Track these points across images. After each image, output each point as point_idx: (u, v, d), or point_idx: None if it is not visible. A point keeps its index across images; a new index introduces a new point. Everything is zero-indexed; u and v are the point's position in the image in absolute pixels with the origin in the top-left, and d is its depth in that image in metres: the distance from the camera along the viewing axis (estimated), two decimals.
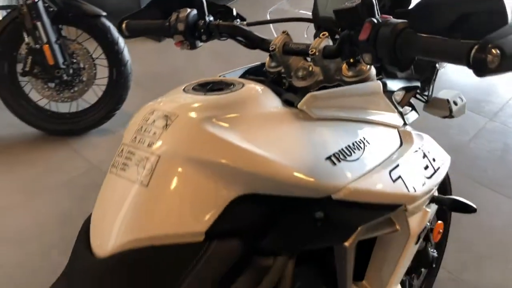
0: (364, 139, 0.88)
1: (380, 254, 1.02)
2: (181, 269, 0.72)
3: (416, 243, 1.02)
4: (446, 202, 1.04)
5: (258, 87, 0.85)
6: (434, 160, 1.01)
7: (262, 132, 0.78)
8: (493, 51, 0.63)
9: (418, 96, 1.15)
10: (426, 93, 1.14)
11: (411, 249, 1.02)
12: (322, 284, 0.94)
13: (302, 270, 0.90)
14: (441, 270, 1.73)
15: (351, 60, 0.93)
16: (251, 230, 0.77)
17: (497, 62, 0.63)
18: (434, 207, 1.06)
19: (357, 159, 0.84)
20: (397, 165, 0.88)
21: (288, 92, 0.90)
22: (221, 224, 0.74)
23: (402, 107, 1.08)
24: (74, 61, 2.59)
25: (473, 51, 0.64)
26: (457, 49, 0.67)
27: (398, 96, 1.05)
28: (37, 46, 2.44)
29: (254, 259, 0.80)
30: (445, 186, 1.55)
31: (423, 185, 0.93)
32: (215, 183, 0.73)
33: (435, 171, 1.00)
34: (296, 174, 0.76)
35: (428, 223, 1.05)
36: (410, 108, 1.15)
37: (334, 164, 0.80)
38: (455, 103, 1.12)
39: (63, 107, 2.71)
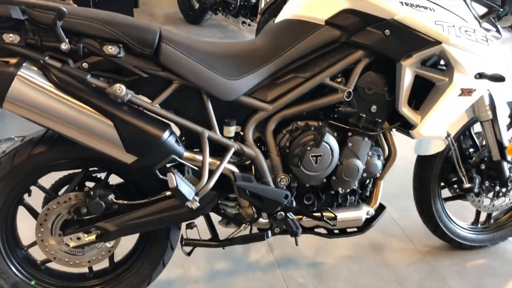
0: (432, 9, 1.50)
1: (432, 96, 1.59)
2: (306, 31, 1.49)
3: (460, 95, 1.56)
4: (487, 76, 1.54)
5: None
6: (485, 41, 1.55)
7: None
8: None
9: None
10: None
11: (453, 98, 1.55)
12: (386, 92, 1.58)
13: (375, 76, 1.56)
14: None
15: None
16: (349, 31, 1.49)
17: None
18: (482, 82, 1.57)
19: (418, 10, 1.47)
20: (443, 21, 1.48)
21: None
22: (332, 20, 1.49)
23: (482, 20, 1.63)
24: None
25: None
26: None
27: (479, 11, 1.61)
28: None
29: (343, 48, 1.52)
30: None
31: (458, 37, 1.49)
32: None
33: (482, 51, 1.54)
34: None
35: (476, 90, 1.57)
36: (495, 29, 1.68)
37: (402, 5, 1.46)
38: None
39: None
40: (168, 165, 1.46)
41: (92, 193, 1.47)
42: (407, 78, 1.54)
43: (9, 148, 1.46)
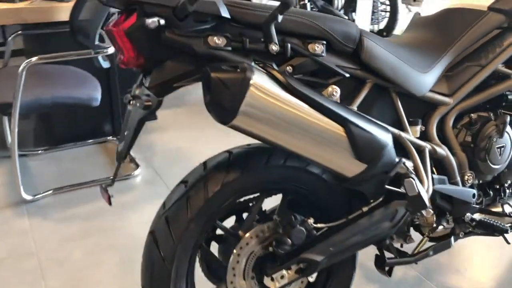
0: None
1: None
2: (472, 20, 1.43)
3: None
4: None
5: None
6: None
7: None
8: None
9: None
10: None
11: None
12: None
13: None
14: None
15: None
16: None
17: None
18: None
19: None
20: None
21: None
22: (495, 5, 1.45)
23: None
24: None
25: None
26: None
27: None
28: None
29: (509, 32, 1.48)
30: None
31: None
32: None
33: None
34: None
35: None
36: None
37: None
38: None
39: None
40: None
41: (294, 218, 1.25)
42: None
43: (191, 179, 1.20)
